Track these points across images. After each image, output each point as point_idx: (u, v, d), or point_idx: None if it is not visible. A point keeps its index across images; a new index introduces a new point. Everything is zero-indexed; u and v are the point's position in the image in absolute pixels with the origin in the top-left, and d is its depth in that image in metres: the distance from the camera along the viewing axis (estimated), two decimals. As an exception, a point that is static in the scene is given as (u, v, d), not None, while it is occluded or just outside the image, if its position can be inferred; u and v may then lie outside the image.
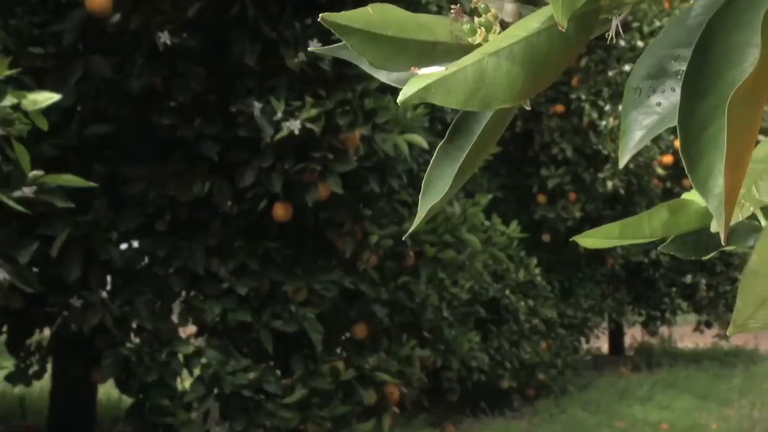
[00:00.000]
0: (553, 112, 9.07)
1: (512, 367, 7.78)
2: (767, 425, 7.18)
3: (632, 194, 9.33)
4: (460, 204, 5.87)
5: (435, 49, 0.57)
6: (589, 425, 7.34)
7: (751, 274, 0.69)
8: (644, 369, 10.25)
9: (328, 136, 4.37)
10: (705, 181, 0.53)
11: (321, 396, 4.54)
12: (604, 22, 0.60)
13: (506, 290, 7.82)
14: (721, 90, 0.53)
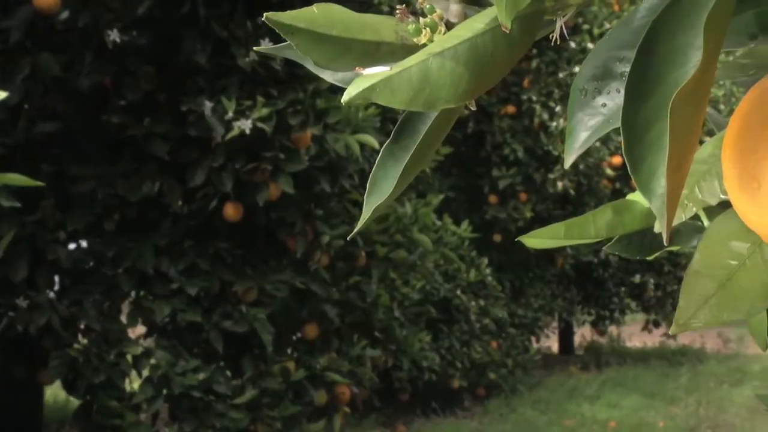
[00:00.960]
0: (505, 113, 9.12)
1: (463, 367, 7.81)
2: (713, 423, 7.28)
3: (582, 195, 9.41)
4: (412, 204, 5.88)
5: (380, 50, 0.57)
6: (538, 424, 7.39)
7: (694, 274, 0.70)
8: (593, 368, 10.34)
9: (280, 135, 4.36)
10: (648, 182, 0.54)
11: (271, 396, 4.52)
12: (548, 23, 0.60)
13: (457, 290, 7.85)
14: (664, 92, 0.54)
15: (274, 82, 4.44)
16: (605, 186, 9.60)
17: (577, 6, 0.59)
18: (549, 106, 9.06)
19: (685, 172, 0.56)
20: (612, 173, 9.49)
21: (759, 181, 0.62)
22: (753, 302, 0.68)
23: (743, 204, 0.64)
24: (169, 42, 4.40)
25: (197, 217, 4.56)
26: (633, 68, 0.55)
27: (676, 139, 0.52)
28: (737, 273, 0.69)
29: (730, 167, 0.64)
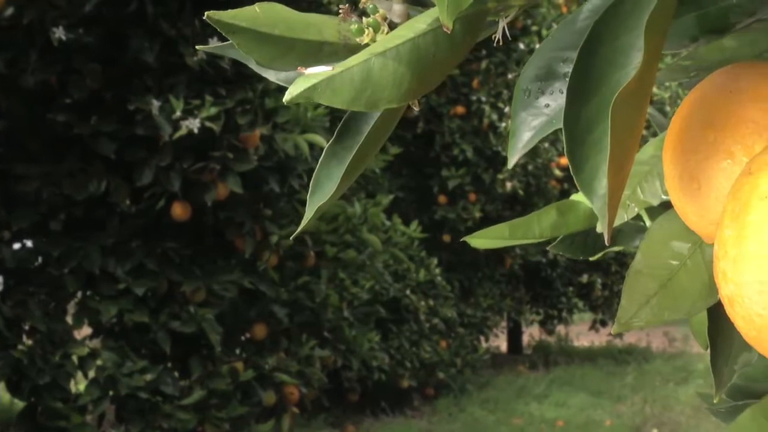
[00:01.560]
0: (454, 114, 9.15)
1: (412, 367, 7.82)
2: (658, 421, 7.36)
3: (531, 195, 9.47)
4: (361, 204, 5.88)
5: (322, 49, 0.57)
6: (487, 423, 7.43)
7: (636, 274, 0.71)
8: (541, 367, 10.41)
9: (228, 135, 4.33)
10: (590, 182, 0.54)
11: (219, 397, 4.50)
12: (491, 24, 0.60)
13: (407, 290, 7.86)
14: (606, 93, 0.54)
15: (222, 81, 4.42)
16: (553, 186, 9.67)
17: (519, 7, 0.59)
18: (498, 107, 9.11)
19: (627, 173, 0.56)
20: (560, 174, 9.56)
21: (699, 182, 0.62)
22: (694, 302, 0.69)
23: (684, 205, 0.64)
24: (116, 40, 4.36)
25: (144, 216, 4.52)
26: (575, 69, 0.55)
27: (617, 140, 0.52)
28: (678, 273, 0.70)
29: (671, 168, 0.65)
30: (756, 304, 0.54)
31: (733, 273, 0.55)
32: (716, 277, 0.57)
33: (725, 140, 0.61)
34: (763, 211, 0.53)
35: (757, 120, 0.61)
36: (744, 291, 0.54)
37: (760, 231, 0.53)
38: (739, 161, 0.60)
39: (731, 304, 0.56)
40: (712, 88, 0.64)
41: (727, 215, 0.56)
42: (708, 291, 0.68)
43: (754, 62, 0.65)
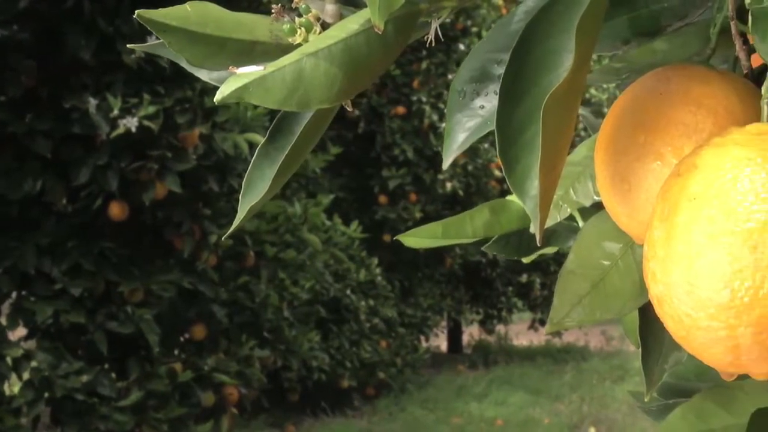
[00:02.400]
0: (395, 114, 9.16)
1: (352, 367, 7.82)
2: (595, 419, 7.44)
3: (471, 195, 9.51)
4: (301, 204, 5.86)
5: (254, 49, 0.57)
6: (427, 422, 7.45)
7: (568, 274, 0.72)
8: (481, 366, 10.46)
9: (167, 134, 4.30)
10: (522, 183, 0.54)
11: (157, 398, 4.46)
12: (424, 25, 0.60)
13: (347, 290, 7.85)
14: (537, 95, 0.54)
15: (160, 79, 4.38)
16: (493, 187, 9.73)
17: (451, 8, 0.60)
18: (438, 108, 9.14)
19: (558, 174, 0.57)
20: (500, 174, 9.61)
21: (630, 183, 0.63)
22: (625, 302, 0.70)
23: (615, 206, 0.65)
24: (52, 37, 4.29)
25: (81, 216, 4.47)
26: (507, 71, 0.55)
27: (548, 141, 0.52)
28: (610, 273, 0.71)
29: (602, 169, 0.65)
30: (684, 304, 0.54)
31: (662, 273, 0.55)
32: (646, 278, 0.57)
33: (655, 142, 0.62)
34: (691, 212, 0.54)
35: (686, 122, 0.62)
36: (673, 291, 0.55)
37: (688, 232, 0.54)
38: (668, 163, 0.61)
39: (660, 304, 0.56)
40: (643, 90, 0.65)
41: (656, 216, 0.56)
42: (639, 291, 0.69)
43: (685, 65, 0.66)
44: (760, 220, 0.52)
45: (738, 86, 0.64)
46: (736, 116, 0.62)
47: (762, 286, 0.52)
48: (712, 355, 0.55)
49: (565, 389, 8.92)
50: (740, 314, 0.52)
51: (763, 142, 0.55)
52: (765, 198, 0.53)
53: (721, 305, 0.53)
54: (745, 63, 0.65)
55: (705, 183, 0.54)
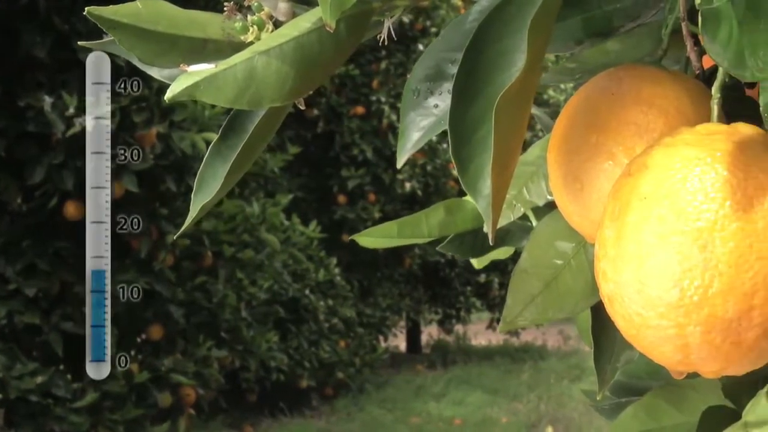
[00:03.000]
0: (354, 114, 9.16)
1: (311, 367, 7.80)
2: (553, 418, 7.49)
3: (429, 195, 9.53)
4: (260, 204, 5.85)
5: (206, 47, 0.57)
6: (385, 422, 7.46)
7: (521, 273, 0.72)
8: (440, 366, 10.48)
9: (123, 133, 4.26)
10: (475, 183, 0.54)
11: (113, 399, 4.42)
12: (377, 24, 0.60)
13: (306, 290, 7.84)
14: (490, 94, 0.54)
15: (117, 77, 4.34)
16: (452, 186, 9.75)
17: (404, 7, 0.60)
18: (398, 108, 9.13)
19: (511, 173, 0.57)
20: (459, 174, 9.63)
21: (582, 183, 0.63)
22: (577, 301, 0.70)
23: (567, 205, 0.65)
24: (6, 34, 4.24)
25: (36, 215, 4.42)
26: (460, 70, 0.55)
27: (501, 141, 0.52)
28: (562, 272, 0.71)
29: (555, 169, 0.66)
30: (635, 303, 0.55)
31: (612, 272, 0.56)
32: (597, 277, 0.58)
33: (607, 142, 0.62)
34: (641, 211, 0.54)
35: (638, 122, 0.62)
36: (623, 290, 0.55)
37: (638, 231, 0.54)
38: (620, 162, 0.61)
39: (611, 303, 0.57)
40: (595, 90, 0.65)
41: (607, 216, 0.57)
42: (591, 290, 0.70)
43: (637, 65, 0.66)
44: (710, 219, 0.53)
45: (689, 87, 0.64)
46: (687, 116, 0.62)
47: (711, 286, 0.53)
48: (661, 353, 0.55)
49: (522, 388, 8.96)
50: (689, 313, 0.53)
51: (712, 142, 0.56)
52: (714, 197, 0.53)
53: (670, 304, 0.53)
54: (695, 64, 0.66)
55: (655, 183, 0.55)
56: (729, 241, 0.52)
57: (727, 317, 0.53)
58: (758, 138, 0.56)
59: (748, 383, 0.66)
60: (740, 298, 0.53)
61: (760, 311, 0.53)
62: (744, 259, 0.52)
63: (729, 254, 0.52)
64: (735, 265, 0.52)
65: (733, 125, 0.58)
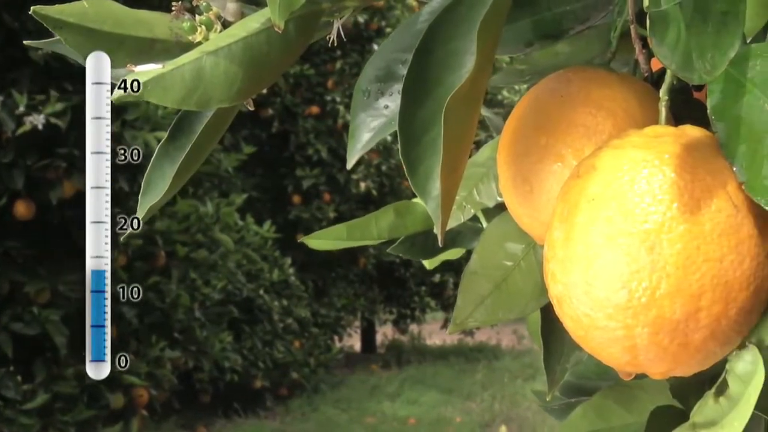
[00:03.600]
0: (309, 114, 9.14)
1: (265, 367, 7.77)
2: (507, 417, 7.52)
3: (384, 195, 9.53)
4: (214, 203, 5.81)
5: (154, 47, 0.56)
6: (340, 422, 7.45)
7: (471, 275, 0.72)
8: (394, 366, 10.49)
9: (75, 131, 4.22)
10: (424, 184, 0.54)
11: (65, 400, 4.37)
12: (327, 24, 0.60)
13: (260, 290, 7.81)
14: (440, 96, 0.54)
15: (69, 76, 4.30)
16: (407, 187, 9.76)
17: (354, 8, 0.59)
18: (352, 107, 9.13)
19: (460, 175, 0.57)
20: (413, 174, 9.64)
21: (531, 185, 0.63)
22: (527, 302, 0.71)
23: (517, 206, 0.65)
24: (-45, 31, 4.19)
25: (-15, 215, 4.37)
26: (410, 71, 0.55)
27: (450, 142, 0.52)
28: (512, 273, 0.71)
29: (504, 170, 0.66)
30: (583, 304, 0.55)
31: (561, 274, 0.56)
32: (546, 278, 0.58)
33: (556, 144, 0.62)
34: (590, 213, 0.55)
35: (587, 124, 0.62)
36: (572, 291, 0.55)
37: (586, 233, 0.54)
38: (569, 164, 0.62)
39: (560, 304, 0.57)
40: (544, 92, 0.66)
41: (556, 217, 0.57)
42: (540, 291, 0.70)
43: (586, 68, 0.67)
44: (657, 221, 0.53)
45: (637, 89, 0.65)
46: (635, 118, 0.63)
47: (659, 287, 0.53)
48: (609, 354, 0.56)
49: (476, 388, 8.99)
50: (637, 314, 0.53)
51: (660, 144, 0.56)
52: (662, 199, 0.53)
53: (618, 305, 0.53)
54: (644, 66, 0.66)
55: (603, 184, 0.55)
56: (676, 243, 0.53)
57: (674, 318, 0.53)
58: (705, 140, 0.57)
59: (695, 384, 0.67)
60: (687, 300, 0.53)
61: (707, 312, 0.53)
62: (691, 260, 0.53)
63: (676, 256, 0.53)
64: (682, 267, 0.53)
65: (681, 127, 0.58)
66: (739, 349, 0.57)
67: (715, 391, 0.57)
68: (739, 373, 0.56)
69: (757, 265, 0.54)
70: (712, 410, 0.57)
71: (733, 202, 0.54)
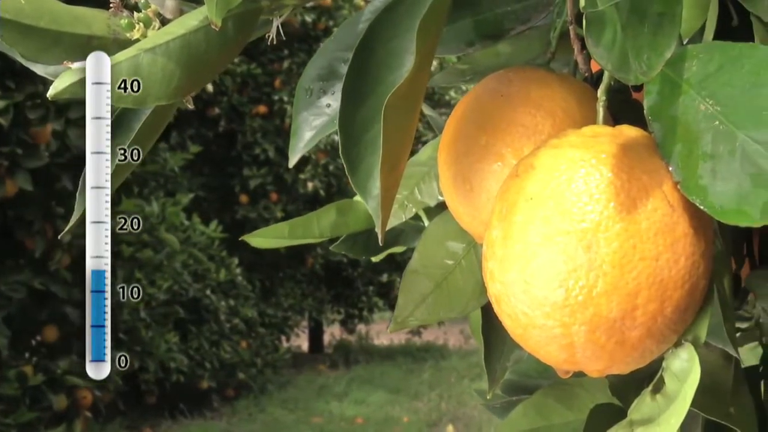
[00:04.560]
0: (256, 113, 9.10)
1: (212, 368, 7.72)
2: (453, 416, 7.55)
3: (332, 195, 9.52)
4: (159, 203, 5.77)
5: (91, 44, 0.55)
6: (287, 422, 7.43)
7: (412, 273, 0.72)
8: (342, 366, 10.48)
9: (17, 129, 4.16)
10: (365, 183, 0.54)
11: (6, 402, 4.31)
12: (266, 23, 0.60)
13: (207, 290, 7.76)
14: (381, 94, 0.54)
15: (11, 73, 4.24)
16: (354, 187, 9.75)
17: (293, 7, 0.59)
18: (300, 107, 9.11)
19: (400, 173, 0.57)
20: (361, 174, 9.64)
21: (471, 184, 0.64)
22: (468, 301, 0.71)
23: (457, 205, 0.66)
24: None
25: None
26: (350, 70, 0.55)
27: (390, 141, 0.52)
28: (453, 272, 0.71)
29: (445, 169, 0.66)
30: (521, 302, 0.55)
31: (499, 272, 0.56)
32: (485, 277, 0.58)
33: (496, 143, 0.63)
34: (528, 212, 0.55)
35: (526, 124, 0.63)
36: (510, 290, 0.56)
37: (524, 232, 0.55)
38: (509, 164, 0.62)
39: (498, 302, 0.57)
40: (485, 92, 0.66)
41: (494, 216, 0.57)
42: (481, 290, 0.70)
43: (526, 68, 0.67)
44: (594, 220, 0.54)
45: (576, 89, 0.65)
46: (574, 118, 0.63)
47: (596, 286, 0.53)
48: (547, 352, 0.56)
49: (424, 387, 9.01)
50: (574, 313, 0.54)
51: (597, 144, 0.56)
52: (599, 199, 0.54)
53: (556, 304, 0.54)
54: (583, 67, 0.67)
55: (541, 184, 0.55)
56: (613, 242, 0.53)
57: (611, 317, 0.54)
58: (642, 140, 0.57)
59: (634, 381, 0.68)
60: (624, 298, 0.53)
61: (643, 311, 0.54)
62: (627, 259, 0.53)
63: (613, 255, 0.53)
64: (619, 266, 0.53)
65: (618, 127, 0.59)
66: (676, 347, 0.57)
67: (652, 388, 0.58)
68: (675, 370, 0.57)
69: (692, 263, 0.55)
70: (649, 408, 0.58)
71: (669, 201, 0.54)
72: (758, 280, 0.81)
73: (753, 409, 0.72)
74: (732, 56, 0.52)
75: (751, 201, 0.48)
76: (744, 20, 0.67)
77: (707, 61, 0.53)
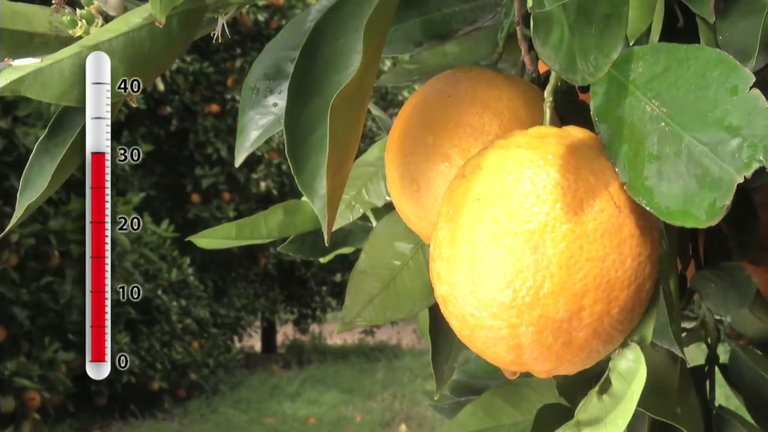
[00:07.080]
0: (208, 112, 9.04)
1: (163, 368, 7.66)
2: (407, 416, 7.56)
3: (285, 194, 9.48)
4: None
5: (32, 41, 0.54)
6: (239, 423, 7.39)
7: (359, 274, 0.72)
8: (295, 366, 10.45)
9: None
10: (311, 183, 0.54)
11: (-47, 405, 4.26)
12: (211, 20, 0.59)
13: (158, 290, 7.69)
14: (327, 94, 0.54)
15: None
16: (307, 186, 9.72)
17: (239, 5, 0.59)
18: (253, 106, 9.07)
19: (346, 173, 0.56)
20: (314, 174, 9.61)
21: (419, 184, 0.63)
22: (415, 301, 0.71)
23: (404, 206, 0.65)
24: None
25: None
26: (296, 69, 0.55)
27: (336, 141, 0.52)
28: (401, 273, 0.71)
29: (392, 170, 0.66)
30: (469, 303, 0.55)
31: (446, 273, 0.56)
32: (432, 278, 0.58)
33: (443, 143, 0.62)
34: (475, 213, 0.55)
35: (473, 124, 0.63)
36: (457, 291, 0.55)
37: (472, 232, 0.55)
38: (456, 164, 0.62)
39: (445, 303, 0.57)
40: (432, 92, 0.66)
41: (442, 217, 0.57)
42: (429, 291, 0.70)
43: (473, 68, 0.67)
44: (541, 221, 0.54)
45: (523, 90, 0.65)
46: (521, 119, 0.63)
47: (543, 286, 0.53)
48: (495, 353, 0.56)
49: (377, 387, 9.01)
50: (522, 313, 0.54)
51: (544, 145, 0.56)
52: (545, 200, 0.54)
53: (503, 305, 0.54)
54: (530, 67, 0.67)
55: (488, 184, 0.55)
56: (560, 243, 0.53)
57: (558, 317, 0.54)
58: (589, 141, 0.57)
59: (581, 382, 0.68)
60: (571, 299, 0.53)
61: (590, 311, 0.54)
62: (574, 260, 0.53)
63: (560, 255, 0.53)
64: (566, 267, 0.53)
65: (565, 128, 0.59)
66: (622, 347, 0.57)
67: (599, 389, 0.58)
68: (621, 371, 0.57)
69: (638, 264, 0.55)
70: (596, 408, 0.58)
71: (616, 202, 0.54)
72: (703, 280, 0.82)
73: (699, 409, 0.73)
74: (678, 58, 0.52)
75: (696, 202, 0.49)
76: (690, 22, 0.68)
77: (653, 63, 0.53)
